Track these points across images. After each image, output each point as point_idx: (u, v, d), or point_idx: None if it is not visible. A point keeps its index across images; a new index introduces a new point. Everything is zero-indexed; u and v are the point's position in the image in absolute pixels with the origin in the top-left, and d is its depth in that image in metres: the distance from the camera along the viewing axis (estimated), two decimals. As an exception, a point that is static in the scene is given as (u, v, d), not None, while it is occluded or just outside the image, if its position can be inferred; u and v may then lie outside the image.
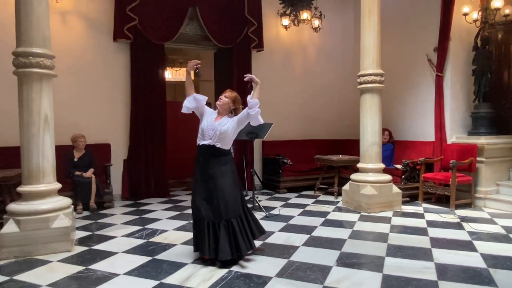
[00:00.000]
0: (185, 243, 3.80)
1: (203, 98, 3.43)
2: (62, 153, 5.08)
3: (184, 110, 3.42)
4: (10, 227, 3.40)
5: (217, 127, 3.27)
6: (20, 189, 3.55)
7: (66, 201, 3.74)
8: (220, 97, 3.45)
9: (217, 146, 3.26)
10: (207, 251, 3.14)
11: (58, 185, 3.72)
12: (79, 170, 5.27)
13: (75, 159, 5.36)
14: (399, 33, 6.74)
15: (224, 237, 3.13)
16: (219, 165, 3.27)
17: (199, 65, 3.40)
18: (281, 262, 3.25)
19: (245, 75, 3.53)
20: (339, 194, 5.87)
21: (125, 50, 6.10)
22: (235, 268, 3.12)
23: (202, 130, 3.32)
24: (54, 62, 3.67)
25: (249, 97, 3.32)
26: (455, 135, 5.96)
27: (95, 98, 5.94)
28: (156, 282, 2.86)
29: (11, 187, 4.25)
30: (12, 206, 3.50)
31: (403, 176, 5.65)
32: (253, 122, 3.30)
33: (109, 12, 5.91)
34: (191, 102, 3.38)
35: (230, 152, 3.41)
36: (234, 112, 3.43)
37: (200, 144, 3.30)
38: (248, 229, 3.33)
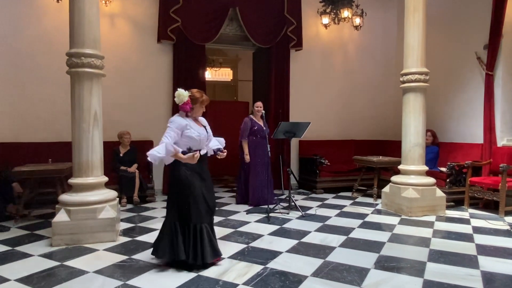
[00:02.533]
0: (222, 238, 3.88)
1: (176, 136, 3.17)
2: (109, 148, 5.37)
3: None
4: (62, 216, 3.65)
5: (210, 133, 3.36)
6: (71, 181, 3.80)
7: (112, 193, 3.96)
8: (201, 105, 3.28)
9: (207, 152, 3.37)
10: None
11: (105, 178, 3.94)
12: (124, 165, 5.54)
13: (121, 155, 5.63)
14: (446, 30, 6.44)
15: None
16: (207, 167, 3.35)
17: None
18: (317, 262, 3.23)
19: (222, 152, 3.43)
20: (379, 196, 5.71)
21: (168, 50, 6.33)
22: (270, 265, 3.14)
23: (198, 142, 3.18)
24: (103, 62, 3.89)
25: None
26: (506, 138, 5.61)
27: (139, 97, 6.22)
28: (194, 275, 2.95)
29: (62, 179, 4.56)
30: (64, 197, 3.76)
31: (448, 180, 5.40)
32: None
33: (153, 14, 6.17)
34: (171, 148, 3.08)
35: None
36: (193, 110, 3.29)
37: (201, 153, 3.18)
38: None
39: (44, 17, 5.63)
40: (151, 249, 3.26)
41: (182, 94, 3.18)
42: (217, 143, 3.50)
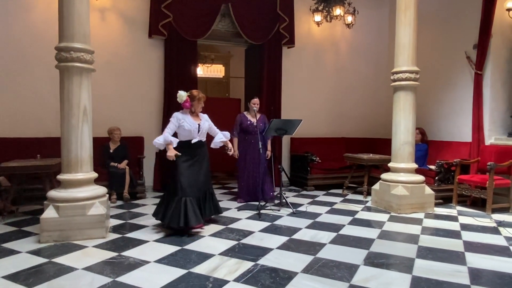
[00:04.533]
0: (213, 234, 3.89)
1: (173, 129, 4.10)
2: (99, 144, 5.31)
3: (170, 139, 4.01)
4: (50, 212, 3.60)
5: (203, 126, 4.14)
6: (60, 177, 3.74)
7: (101, 190, 3.91)
8: (199, 102, 4.13)
9: (203, 140, 4.18)
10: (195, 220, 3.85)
11: (95, 175, 3.90)
12: (114, 161, 5.48)
13: (111, 151, 5.58)
14: (437, 29, 6.50)
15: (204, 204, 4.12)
16: (204, 152, 4.20)
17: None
18: (307, 259, 3.25)
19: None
20: (368, 193, 5.76)
21: (159, 46, 6.26)
22: (261, 262, 3.15)
23: (189, 132, 4.05)
24: (93, 57, 3.83)
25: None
26: (493, 136, 5.70)
27: (130, 93, 6.15)
28: (184, 271, 2.94)
29: (51, 175, 4.49)
30: (52, 193, 3.70)
31: (436, 177, 5.47)
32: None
33: (145, 9, 6.09)
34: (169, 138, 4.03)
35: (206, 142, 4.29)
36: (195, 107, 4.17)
37: (192, 142, 4.07)
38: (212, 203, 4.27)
39: (32, 10, 5.51)
40: (142, 245, 3.41)
41: (181, 95, 4.03)
42: (222, 136, 4.36)
